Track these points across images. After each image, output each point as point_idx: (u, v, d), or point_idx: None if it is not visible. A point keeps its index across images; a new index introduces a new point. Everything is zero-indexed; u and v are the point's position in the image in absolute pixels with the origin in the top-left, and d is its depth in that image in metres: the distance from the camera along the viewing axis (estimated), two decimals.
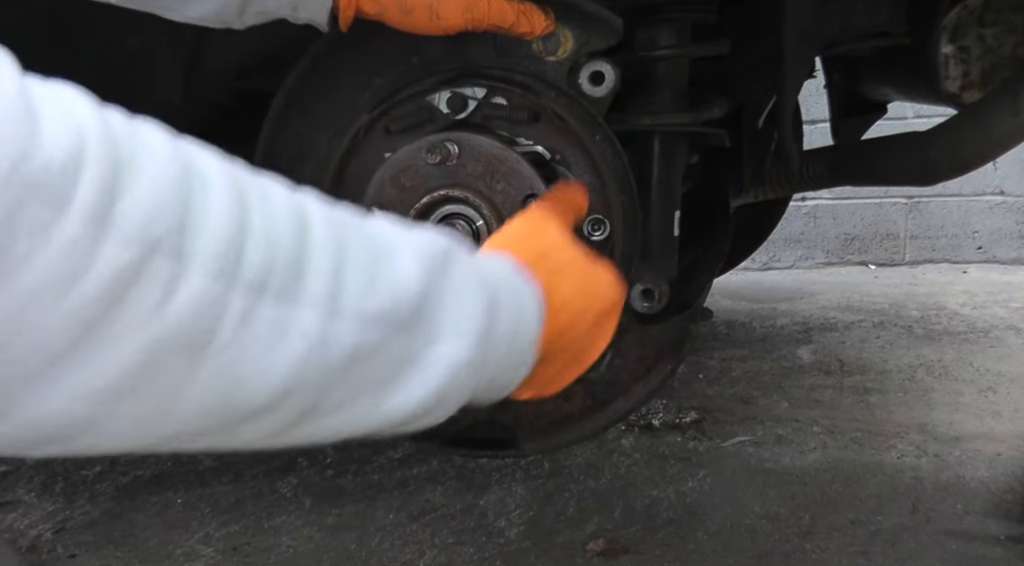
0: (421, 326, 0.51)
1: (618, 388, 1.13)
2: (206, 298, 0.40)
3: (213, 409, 0.44)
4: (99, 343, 0.38)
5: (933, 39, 1.25)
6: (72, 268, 0.36)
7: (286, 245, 0.44)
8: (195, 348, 0.41)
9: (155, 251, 0.38)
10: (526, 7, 0.94)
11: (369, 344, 0.48)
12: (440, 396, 0.54)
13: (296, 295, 0.44)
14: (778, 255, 3.30)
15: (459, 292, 0.54)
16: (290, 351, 0.45)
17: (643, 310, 1.05)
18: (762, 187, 1.41)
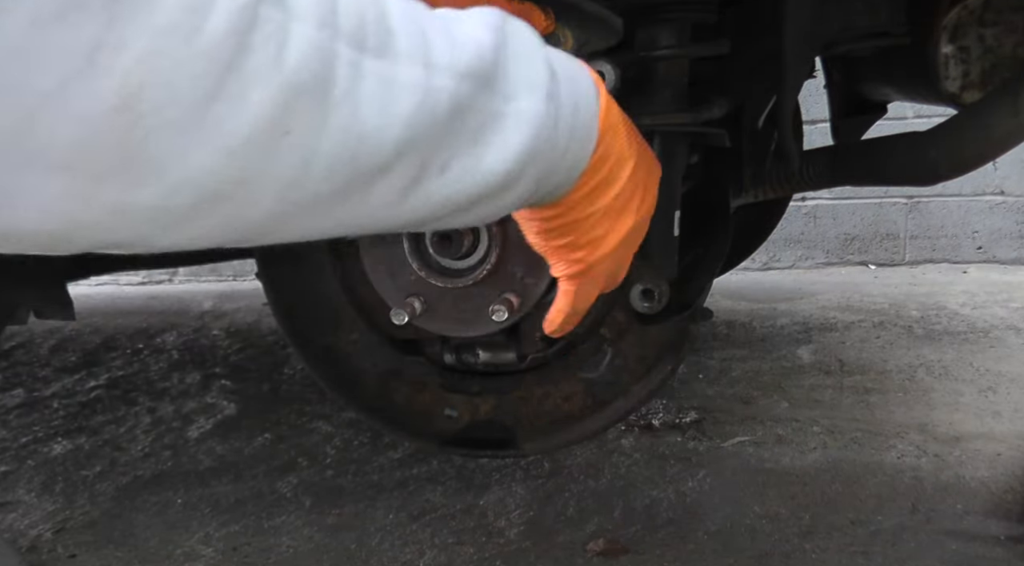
0: (499, 84, 0.54)
1: (618, 388, 1.13)
2: (315, 45, 0.41)
3: (342, 166, 0.45)
4: (234, 92, 0.38)
5: (933, 39, 1.25)
6: (199, 3, 0.36)
7: (369, 5, 0.45)
8: (318, 97, 0.42)
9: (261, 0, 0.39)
10: (525, 7, 0.94)
11: (465, 97, 0.50)
12: (529, 151, 0.56)
13: (394, 51, 0.46)
14: (778, 255, 3.30)
15: (523, 54, 0.57)
16: (400, 104, 0.46)
17: (643, 310, 1.05)
18: (762, 187, 1.41)
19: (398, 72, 0.46)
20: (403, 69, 0.46)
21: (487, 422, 1.19)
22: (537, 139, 0.57)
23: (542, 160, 0.59)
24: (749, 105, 1.21)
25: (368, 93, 0.44)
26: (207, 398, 2.12)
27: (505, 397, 1.19)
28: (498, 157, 0.55)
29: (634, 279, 1.05)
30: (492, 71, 0.53)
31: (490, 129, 0.54)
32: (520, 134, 0.55)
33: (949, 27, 1.25)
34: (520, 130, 0.55)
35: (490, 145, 0.54)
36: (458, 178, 0.53)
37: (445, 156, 0.51)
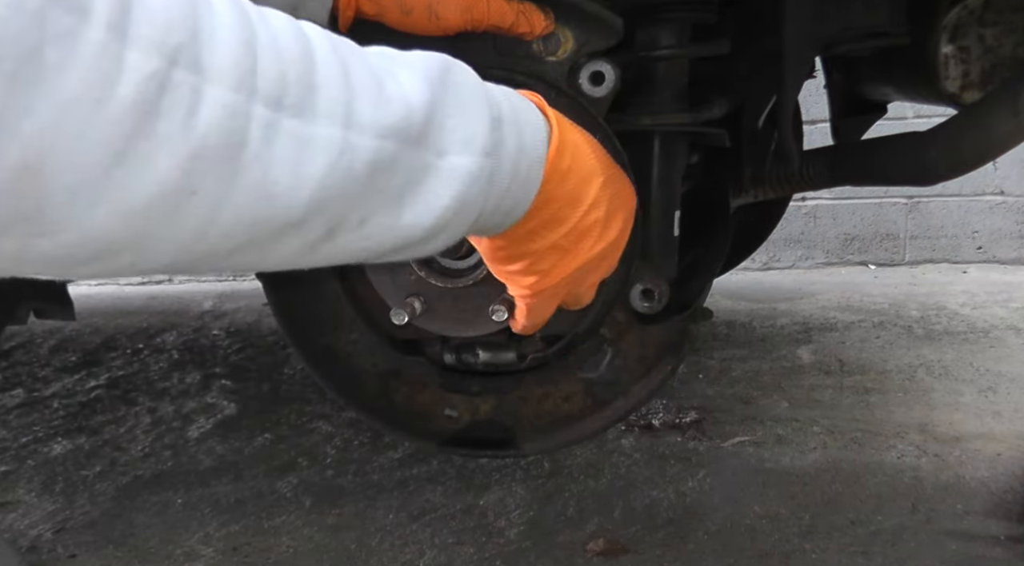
0: (431, 138, 0.52)
1: (618, 388, 1.13)
2: (230, 108, 0.41)
3: (249, 223, 0.45)
4: (139, 157, 0.39)
5: (933, 39, 1.25)
6: (104, 76, 0.36)
7: (295, 60, 0.45)
8: (228, 160, 0.42)
9: (175, 63, 0.39)
10: (526, 7, 0.94)
11: (387, 156, 0.49)
12: (456, 207, 0.55)
13: (313, 109, 0.45)
14: (778, 255, 3.29)
15: (461, 105, 0.55)
16: (315, 164, 0.46)
17: (643, 310, 1.05)
18: (762, 187, 1.41)
19: (315, 131, 0.45)
20: (321, 128, 0.46)
21: (487, 422, 1.19)
22: (467, 195, 0.55)
23: (472, 211, 0.57)
24: (749, 105, 1.21)
25: (281, 153, 0.44)
26: (207, 398, 2.12)
27: (505, 397, 1.19)
28: (421, 213, 0.53)
29: (634, 279, 1.05)
30: (422, 128, 0.52)
31: (416, 185, 0.52)
32: (448, 190, 0.54)
33: (949, 27, 1.25)
34: (449, 186, 0.54)
35: (414, 201, 0.53)
36: (376, 232, 0.52)
37: (363, 212, 0.50)
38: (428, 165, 0.53)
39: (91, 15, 0.36)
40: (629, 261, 1.03)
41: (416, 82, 0.52)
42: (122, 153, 0.38)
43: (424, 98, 0.52)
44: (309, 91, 0.45)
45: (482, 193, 0.57)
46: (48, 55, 0.35)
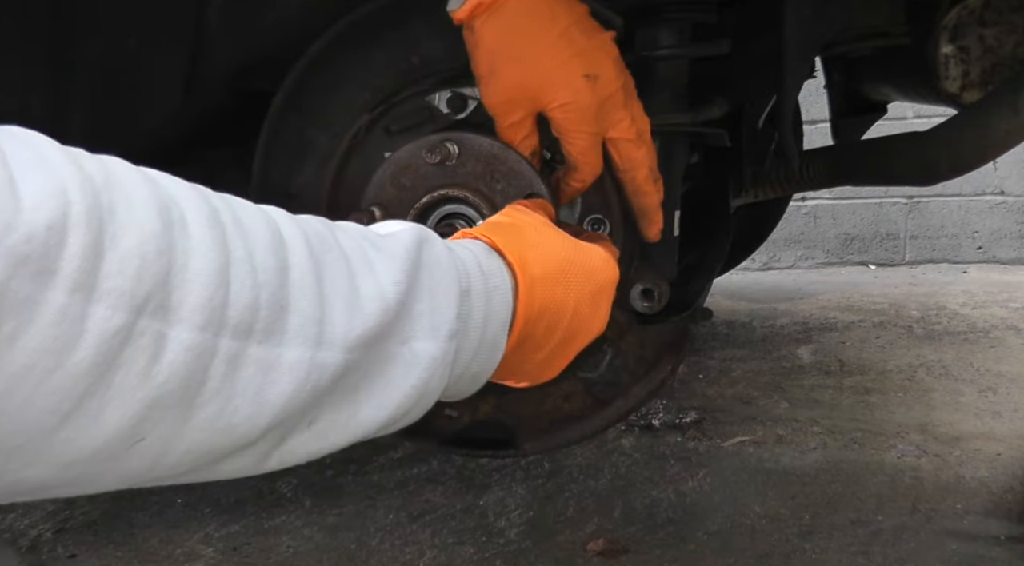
0: (397, 328, 0.50)
1: (618, 388, 1.13)
2: (195, 350, 0.39)
3: (202, 454, 0.42)
4: (89, 414, 0.36)
5: (933, 39, 1.25)
6: (61, 341, 0.34)
7: (268, 280, 0.42)
8: (185, 401, 0.39)
9: (142, 312, 0.36)
10: None
11: (354, 364, 0.47)
12: (416, 396, 0.53)
13: (282, 331, 0.43)
14: (778, 255, 3.30)
15: (432, 288, 0.53)
16: (280, 389, 0.43)
17: (643, 310, 1.05)
18: (762, 187, 1.41)
19: (282, 354, 0.43)
20: (289, 351, 0.43)
21: (487, 422, 1.19)
22: (429, 381, 0.53)
23: (434, 393, 0.55)
24: (749, 105, 1.21)
25: (244, 382, 0.41)
26: None
27: (505, 397, 1.19)
28: (379, 405, 0.50)
29: (634, 279, 1.05)
30: (392, 322, 0.49)
31: (375, 377, 0.50)
32: (409, 379, 0.51)
33: (949, 27, 1.25)
34: (410, 375, 0.51)
35: (371, 395, 0.50)
36: (328, 430, 0.49)
37: (315, 414, 0.47)
38: (392, 353, 0.50)
39: (56, 277, 0.33)
40: (629, 261, 1.03)
41: (392, 273, 0.50)
42: (69, 415, 0.36)
43: (399, 291, 0.50)
44: (280, 313, 0.43)
45: (445, 375, 0.55)
46: (5, 327, 0.32)
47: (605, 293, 0.71)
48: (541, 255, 0.65)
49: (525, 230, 0.67)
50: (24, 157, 0.35)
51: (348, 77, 1.06)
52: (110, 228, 0.36)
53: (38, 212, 0.33)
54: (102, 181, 0.36)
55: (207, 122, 1.30)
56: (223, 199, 0.43)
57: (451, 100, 1.01)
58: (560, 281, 0.65)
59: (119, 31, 1.17)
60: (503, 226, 0.68)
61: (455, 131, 0.93)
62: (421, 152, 0.92)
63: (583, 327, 0.69)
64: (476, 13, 0.83)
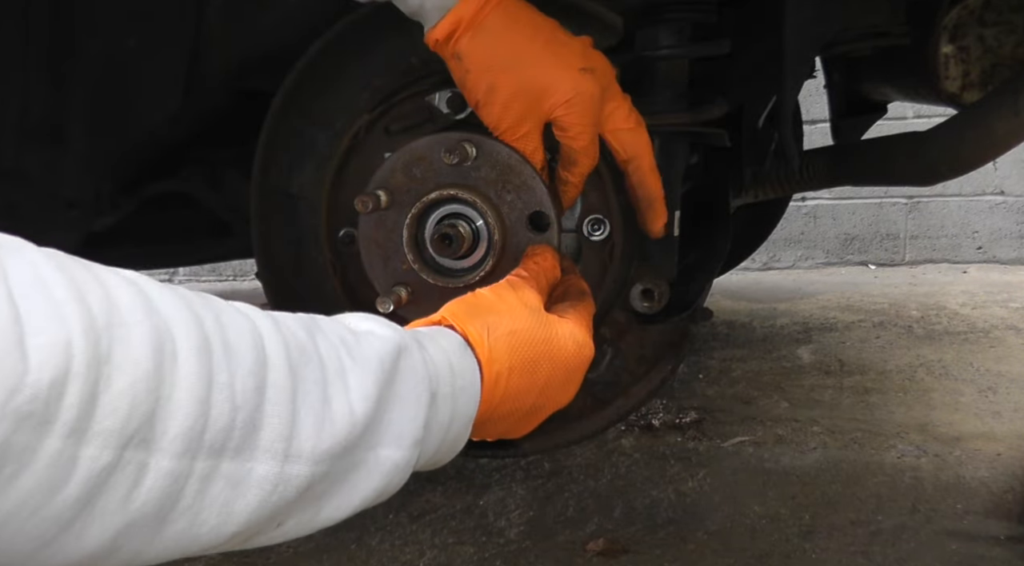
0: (364, 438, 0.52)
1: (618, 388, 1.13)
2: (172, 476, 0.41)
3: (167, 558, 0.45)
4: (71, 535, 0.39)
5: (933, 39, 1.25)
6: (54, 481, 0.37)
7: (247, 401, 0.45)
8: (159, 519, 0.42)
9: (127, 447, 0.39)
10: None
11: (320, 475, 0.49)
12: (376, 497, 0.55)
13: (253, 447, 0.45)
14: (778, 255, 3.30)
15: (403, 398, 0.56)
16: (246, 502, 0.46)
17: (643, 310, 1.05)
18: (762, 187, 1.41)
19: (252, 469, 0.45)
20: (258, 465, 0.46)
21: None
22: (390, 484, 0.56)
23: (394, 490, 0.58)
24: (749, 105, 1.21)
25: (213, 497, 0.44)
26: None
27: None
28: (341, 506, 0.53)
29: (634, 279, 1.05)
30: (360, 435, 0.52)
31: (339, 483, 0.52)
32: (372, 483, 0.54)
33: (949, 27, 1.25)
34: (373, 479, 0.54)
35: (334, 498, 0.52)
36: (291, 531, 0.52)
37: (282, 520, 0.50)
38: (356, 462, 0.52)
39: (53, 426, 0.36)
40: (629, 261, 1.03)
41: (364, 387, 0.52)
42: (55, 539, 0.39)
43: (369, 407, 0.52)
44: (253, 431, 0.45)
45: (405, 477, 0.57)
46: (4, 472, 0.35)
47: (575, 375, 0.75)
48: (512, 345, 0.68)
49: (503, 317, 0.70)
50: (35, 302, 0.36)
51: (348, 77, 1.06)
52: (106, 370, 0.38)
53: (43, 371, 0.36)
54: (104, 321, 0.39)
55: (207, 122, 1.30)
56: (213, 314, 0.45)
57: (451, 100, 1.01)
58: (528, 370, 0.69)
59: (119, 32, 1.17)
60: (482, 310, 0.70)
61: (476, 133, 0.93)
62: (440, 148, 0.92)
63: (550, 403, 0.73)
64: (457, 33, 0.83)
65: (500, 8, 0.83)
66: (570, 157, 0.89)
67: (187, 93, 1.21)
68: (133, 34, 1.17)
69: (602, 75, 0.87)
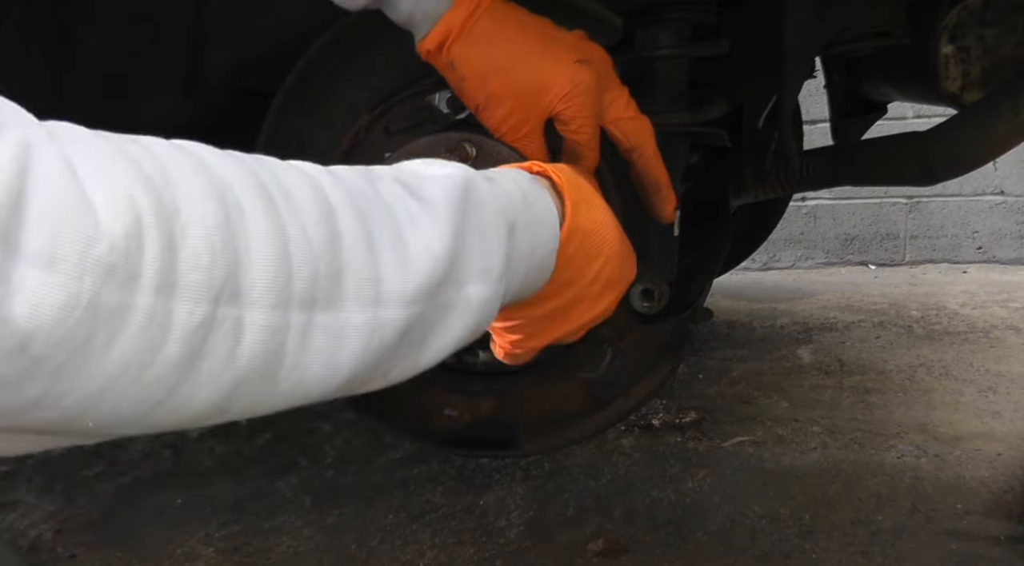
0: (451, 275, 0.52)
1: (618, 388, 1.13)
2: (271, 329, 0.41)
3: (281, 409, 0.46)
4: (180, 399, 0.39)
5: (933, 39, 1.25)
6: (152, 341, 0.36)
7: (324, 249, 0.45)
8: (267, 376, 0.42)
9: (219, 302, 0.39)
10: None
11: (415, 316, 0.50)
12: (471, 335, 0.56)
13: (343, 296, 0.45)
14: (778, 255, 3.29)
15: (481, 231, 0.55)
16: (349, 350, 0.46)
17: (643, 310, 1.05)
18: (762, 187, 1.41)
19: (346, 319, 0.46)
20: (351, 315, 0.46)
21: (487, 422, 1.19)
22: (481, 321, 0.56)
23: (484, 328, 0.58)
24: (749, 105, 1.21)
25: (315, 350, 0.44)
26: None
27: (505, 397, 1.19)
28: (439, 348, 0.54)
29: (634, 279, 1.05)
30: (445, 271, 0.52)
31: (435, 326, 0.53)
32: (464, 321, 0.54)
33: (949, 27, 1.25)
34: (465, 317, 0.54)
35: (433, 342, 0.53)
36: (396, 376, 0.53)
37: (387, 368, 0.51)
38: (449, 302, 0.53)
39: (140, 281, 0.35)
40: None
41: (439, 225, 0.52)
42: (162, 402, 0.38)
43: (447, 244, 0.52)
44: (338, 278, 0.45)
45: (495, 311, 0.58)
46: (97, 338, 0.34)
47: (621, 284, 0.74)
48: (591, 215, 0.69)
49: (582, 186, 0.70)
50: (88, 164, 0.36)
51: (348, 77, 1.06)
52: (178, 225, 0.37)
53: (115, 221, 0.35)
54: (160, 179, 0.38)
55: (207, 122, 1.30)
56: (268, 170, 0.45)
57: (451, 100, 1.01)
58: (596, 245, 0.69)
59: (119, 32, 1.17)
60: (564, 172, 0.71)
61: (476, 133, 0.93)
62: (440, 148, 0.92)
63: (589, 304, 0.72)
64: (449, 42, 0.83)
65: (489, 13, 0.83)
66: (574, 151, 0.89)
67: (187, 93, 1.21)
68: (133, 34, 1.17)
69: (599, 65, 0.87)
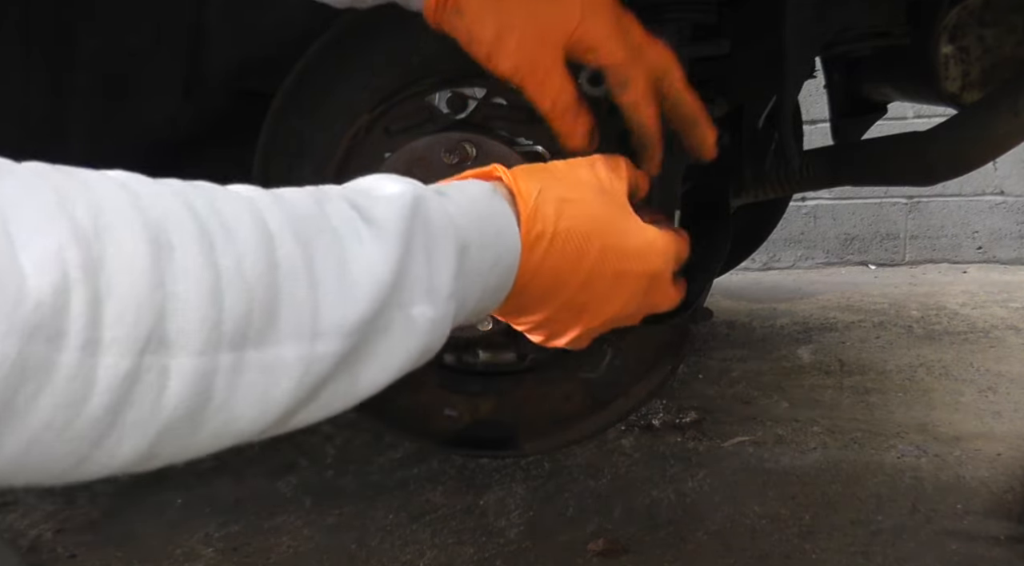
0: (393, 298, 0.49)
1: (618, 388, 1.13)
2: (198, 372, 0.40)
3: (208, 452, 0.44)
4: (104, 451, 0.38)
5: (933, 39, 1.25)
6: (76, 396, 0.36)
7: (257, 282, 0.43)
8: (193, 420, 0.41)
9: (144, 352, 0.38)
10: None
11: (351, 348, 0.47)
12: (418, 357, 0.53)
13: (277, 330, 0.43)
14: (778, 255, 3.29)
15: (429, 250, 0.52)
16: (282, 388, 0.44)
17: None
18: (762, 187, 1.41)
19: (279, 355, 0.44)
20: (285, 350, 0.44)
21: (487, 422, 1.19)
22: (429, 343, 0.53)
23: (436, 349, 0.55)
24: (749, 105, 1.21)
25: (245, 389, 0.42)
26: None
27: (505, 397, 1.19)
28: (379, 375, 0.51)
29: None
30: (388, 295, 0.49)
31: (377, 351, 0.50)
32: (407, 344, 0.51)
33: (949, 27, 1.25)
34: (407, 341, 0.51)
35: (369, 366, 0.50)
36: (327, 404, 0.49)
37: (324, 400, 0.48)
38: (388, 323, 0.50)
39: (66, 339, 0.35)
40: None
41: (386, 248, 0.49)
42: (87, 456, 0.38)
43: (393, 267, 0.49)
44: (272, 312, 0.43)
45: (445, 333, 0.54)
46: (20, 396, 0.34)
47: (631, 280, 0.66)
48: (564, 211, 0.62)
49: (564, 184, 0.64)
50: (21, 215, 0.35)
51: (347, 77, 1.06)
52: (104, 276, 0.37)
53: (42, 279, 0.35)
54: (91, 226, 0.37)
55: (207, 123, 1.30)
56: (206, 199, 0.43)
57: (451, 100, 1.01)
58: (575, 245, 0.62)
59: (119, 32, 1.17)
60: (544, 174, 0.65)
61: (476, 133, 0.93)
62: (440, 149, 0.92)
63: (594, 304, 0.66)
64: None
65: None
66: (618, 78, 0.79)
67: (187, 94, 1.21)
68: (133, 34, 1.17)
69: None
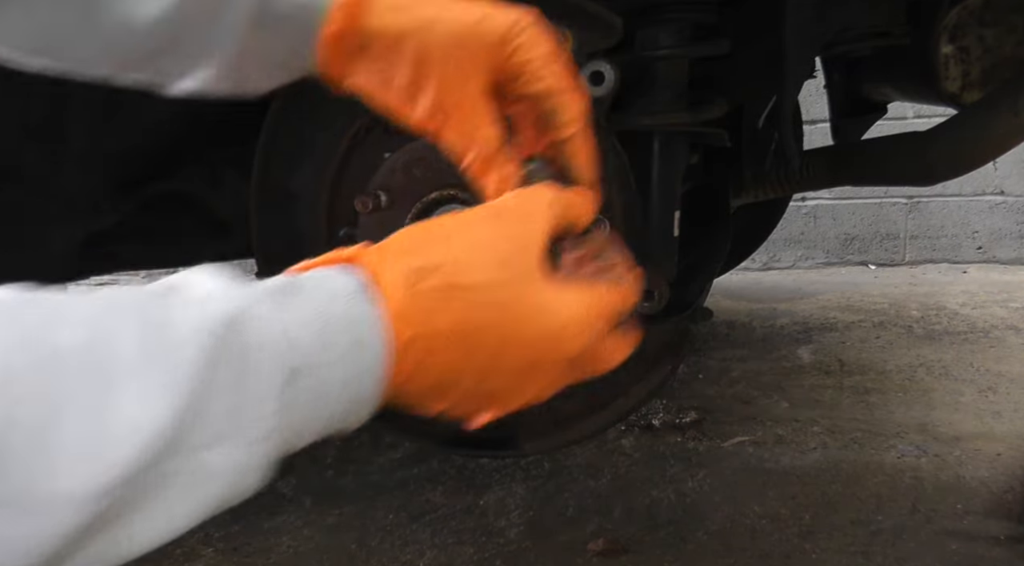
0: (179, 443, 0.41)
1: (618, 388, 1.13)
2: None
3: None
4: None
5: (933, 39, 1.25)
6: None
7: None
8: None
9: None
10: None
11: (99, 513, 0.40)
12: (222, 498, 0.45)
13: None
14: (778, 255, 3.29)
15: (241, 379, 0.43)
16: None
17: (643, 310, 1.05)
18: (762, 187, 1.41)
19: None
20: (4, 528, 0.36)
21: (487, 422, 1.19)
22: (235, 489, 0.45)
23: (246, 493, 0.46)
24: (749, 105, 1.21)
25: None
26: None
27: None
28: (161, 526, 0.45)
29: None
30: (168, 442, 0.40)
31: (151, 503, 0.43)
32: (198, 494, 0.44)
33: (949, 27, 1.25)
34: (198, 491, 0.44)
35: (149, 518, 0.44)
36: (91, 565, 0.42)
37: (64, 561, 0.40)
38: (168, 475, 0.42)
39: None
40: None
41: (168, 379, 0.40)
42: None
43: (176, 404, 0.40)
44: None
45: (260, 476, 0.47)
46: None
47: (548, 366, 0.55)
48: (448, 303, 0.50)
49: (450, 261, 0.51)
50: None
51: None
52: None
53: None
54: None
55: (207, 122, 1.30)
56: None
57: None
58: (464, 340, 0.51)
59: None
60: (424, 247, 0.51)
61: None
62: (439, 148, 0.92)
63: (504, 392, 0.56)
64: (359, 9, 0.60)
65: None
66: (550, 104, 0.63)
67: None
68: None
69: None
